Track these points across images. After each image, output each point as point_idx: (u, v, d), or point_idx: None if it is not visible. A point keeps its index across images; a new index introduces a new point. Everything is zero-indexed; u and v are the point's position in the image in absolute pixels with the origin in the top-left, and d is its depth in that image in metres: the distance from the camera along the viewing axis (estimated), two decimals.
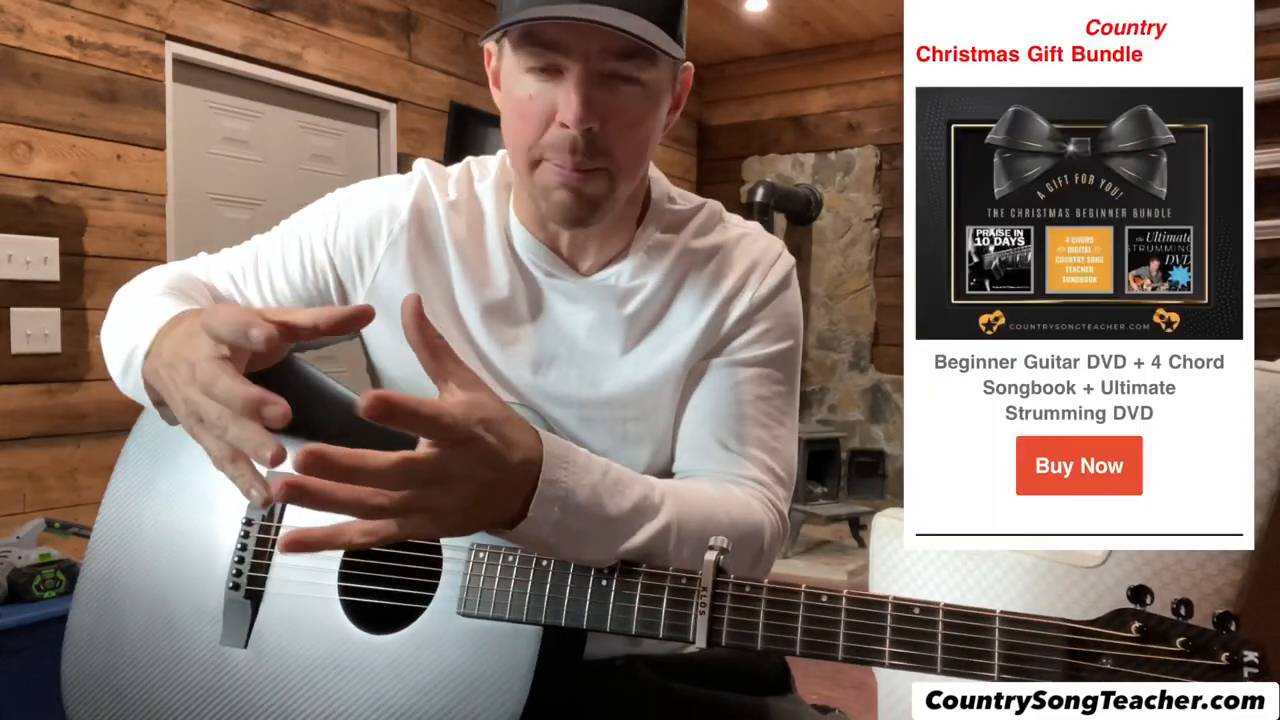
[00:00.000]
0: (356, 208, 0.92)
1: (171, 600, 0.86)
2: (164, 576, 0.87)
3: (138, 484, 0.92)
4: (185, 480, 0.90)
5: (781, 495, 0.88)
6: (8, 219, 2.53)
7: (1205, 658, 0.59)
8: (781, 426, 0.91)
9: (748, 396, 0.89)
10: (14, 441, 2.55)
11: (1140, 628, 0.60)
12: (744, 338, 0.90)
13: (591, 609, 0.73)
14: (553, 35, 0.76)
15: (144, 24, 2.84)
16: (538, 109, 0.79)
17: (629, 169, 0.84)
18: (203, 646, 0.84)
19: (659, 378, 0.88)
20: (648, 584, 0.72)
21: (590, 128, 0.78)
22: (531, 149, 0.81)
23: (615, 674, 0.90)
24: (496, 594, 0.75)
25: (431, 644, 0.77)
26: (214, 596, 0.85)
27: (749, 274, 0.91)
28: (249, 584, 0.84)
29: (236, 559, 0.85)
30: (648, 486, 0.76)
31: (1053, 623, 0.62)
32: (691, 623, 0.69)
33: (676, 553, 0.75)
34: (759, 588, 0.68)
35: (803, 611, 0.67)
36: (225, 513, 0.87)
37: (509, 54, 0.81)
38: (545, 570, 0.74)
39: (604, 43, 0.76)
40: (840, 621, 0.66)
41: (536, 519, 0.66)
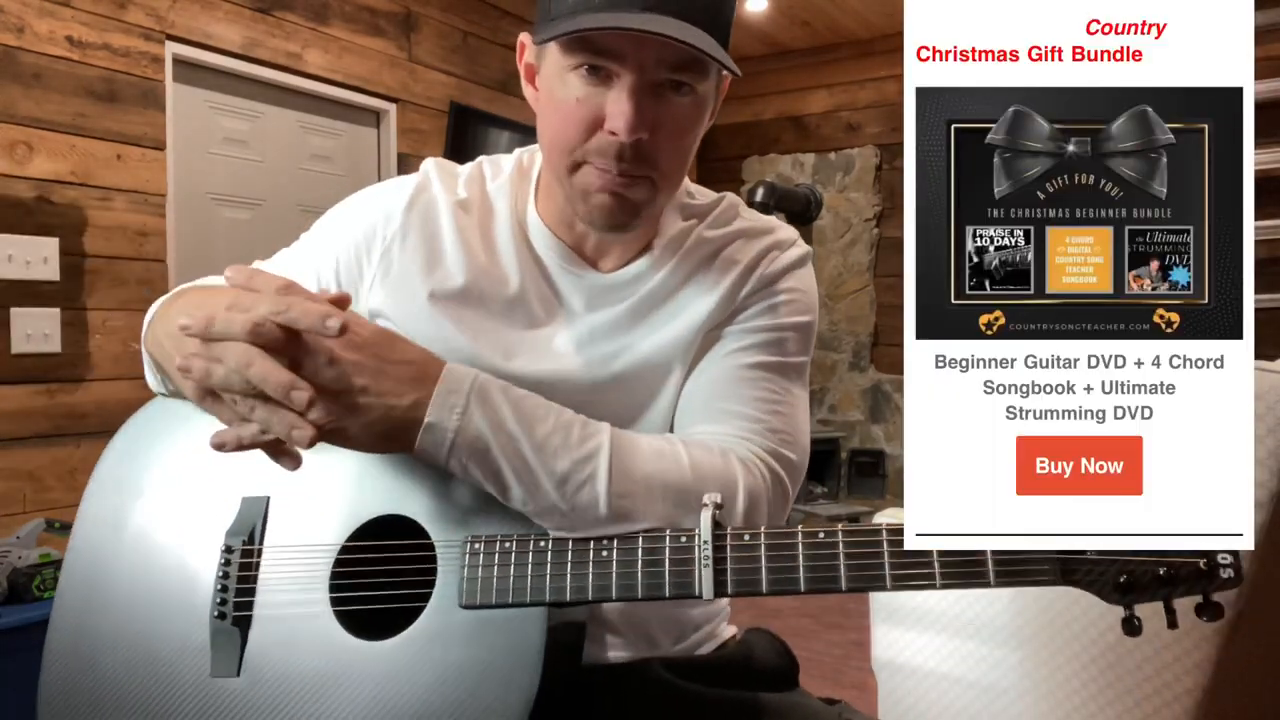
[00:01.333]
0: (356, 217, 0.92)
1: (154, 637, 0.84)
2: (144, 613, 0.85)
3: (106, 523, 0.90)
4: (156, 513, 0.88)
5: (777, 459, 0.86)
6: (8, 219, 2.53)
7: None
8: (788, 394, 0.89)
9: (750, 361, 0.88)
10: (14, 441, 2.55)
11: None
12: (755, 308, 0.90)
13: (595, 580, 0.73)
14: (608, 42, 0.76)
15: (144, 24, 2.84)
16: (584, 113, 0.78)
17: (672, 178, 0.84)
18: (192, 681, 0.81)
19: (668, 354, 0.88)
20: (648, 547, 0.73)
21: (641, 138, 0.77)
22: (574, 152, 0.80)
23: (625, 675, 0.89)
24: (497, 580, 0.75)
25: (435, 641, 0.76)
26: (199, 628, 0.82)
27: (764, 254, 0.91)
28: (235, 610, 0.81)
29: (220, 587, 0.82)
30: (574, 414, 0.78)
31: None
32: (696, 577, 0.71)
33: (622, 481, 0.75)
34: (757, 534, 0.71)
35: (802, 550, 0.69)
36: (202, 542, 0.85)
37: (554, 53, 0.80)
38: (544, 550, 0.74)
39: (660, 53, 0.76)
40: (839, 555, 0.68)
41: (441, 411, 0.72)
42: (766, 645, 0.97)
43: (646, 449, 0.78)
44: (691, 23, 0.75)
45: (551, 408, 0.77)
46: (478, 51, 4.06)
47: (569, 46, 0.77)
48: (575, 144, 0.80)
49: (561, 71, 0.79)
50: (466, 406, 0.73)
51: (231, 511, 0.85)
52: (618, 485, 0.74)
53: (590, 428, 0.77)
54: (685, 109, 0.80)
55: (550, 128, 0.82)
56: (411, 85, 3.76)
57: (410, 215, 0.90)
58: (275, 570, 0.82)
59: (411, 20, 3.75)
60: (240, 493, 0.86)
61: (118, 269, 2.77)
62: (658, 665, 0.90)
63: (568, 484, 0.74)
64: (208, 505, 0.87)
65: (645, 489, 0.75)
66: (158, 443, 0.92)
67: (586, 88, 0.78)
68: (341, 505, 0.82)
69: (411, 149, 3.76)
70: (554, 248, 0.89)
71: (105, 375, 2.73)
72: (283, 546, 0.82)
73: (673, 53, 0.76)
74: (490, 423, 0.73)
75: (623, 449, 0.77)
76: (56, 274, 2.62)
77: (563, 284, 0.90)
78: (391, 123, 3.72)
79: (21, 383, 2.56)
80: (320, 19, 3.38)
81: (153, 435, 0.92)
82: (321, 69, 3.40)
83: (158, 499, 0.89)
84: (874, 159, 4.80)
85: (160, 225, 2.89)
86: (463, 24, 3.97)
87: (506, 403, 0.75)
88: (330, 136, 3.58)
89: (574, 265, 0.89)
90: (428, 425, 0.72)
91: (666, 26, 0.73)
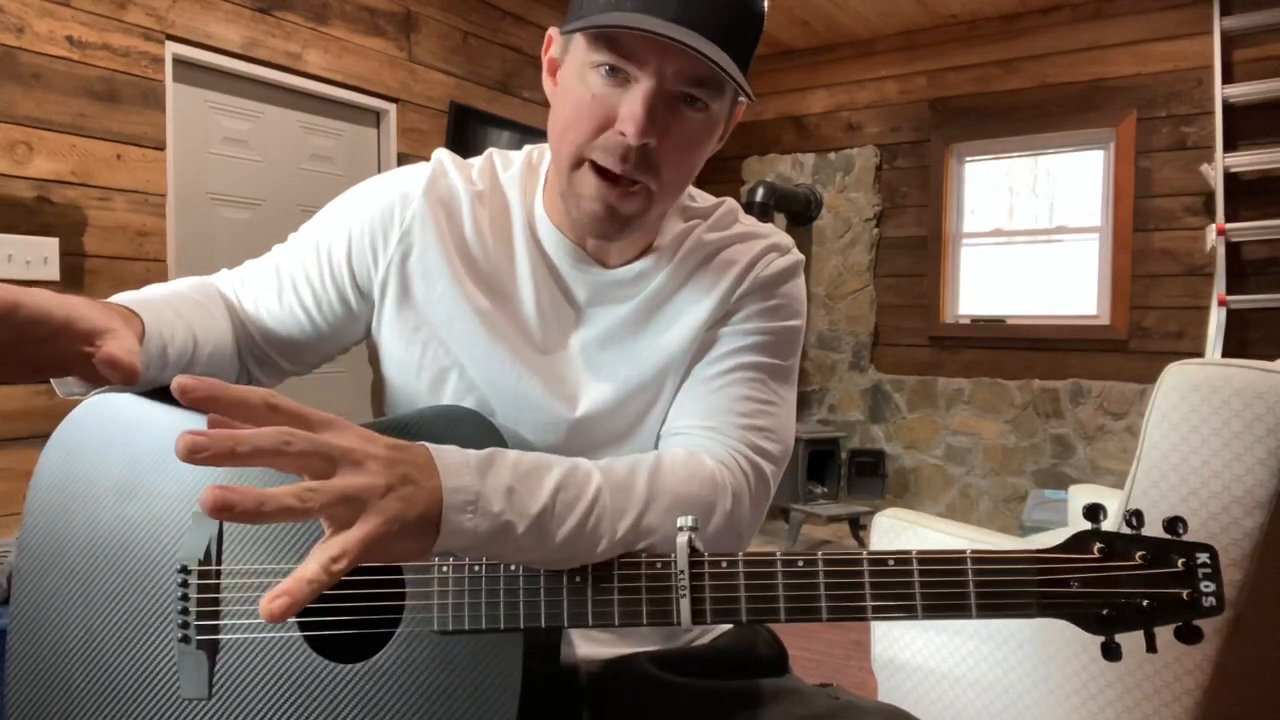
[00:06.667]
0: (370, 200, 0.92)
1: (120, 666, 0.81)
2: (104, 641, 0.81)
3: (48, 552, 0.85)
4: (101, 526, 0.84)
5: (760, 454, 0.86)
6: (8, 219, 2.53)
7: (1163, 566, 0.62)
8: (775, 394, 0.90)
9: (742, 361, 0.89)
10: (14, 441, 2.55)
11: (1101, 548, 0.64)
12: (748, 309, 0.91)
13: (570, 606, 0.71)
14: (633, 45, 0.76)
15: (144, 24, 2.84)
16: (598, 110, 0.79)
17: (671, 191, 0.84)
18: (161, 706, 0.79)
19: (667, 358, 0.89)
20: (624, 574, 0.71)
21: (648, 143, 0.78)
22: (580, 146, 0.81)
23: (611, 670, 0.90)
24: (469, 606, 0.72)
25: (408, 667, 0.74)
26: (164, 653, 0.79)
27: (758, 259, 0.92)
28: (198, 633, 0.78)
29: (180, 609, 0.79)
30: (564, 464, 0.74)
31: (1021, 555, 0.65)
32: (674, 605, 0.69)
33: (617, 520, 0.73)
34: (735, 562, 0.69)
35: (781, 579, 0.68)
36: (152, 567, 0.81)
37: (579, 46, 0.81)
38: (515, 575, 0.72)
39: (680, 65, 0.77)
40: (820, 584, 0.67)
41: (454, 524, 0.65)
42: (756, 637, 0.98)
43: (634, 477, 0.77)
44: (717, 43, 0.76)
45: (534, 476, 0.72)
46: (478, 51, 4.06)
47: (595, 43, 0.78)
48: (583, 138, 0.80)
49: (583, 68, 0.80)
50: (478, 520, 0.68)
51: (182, 527, 0.82)
52: (620, 522, 0.74)
53: (579, 478, 0.74)
54: (696, 124, 0.81)
55: (562, 119, 0.83)
56: (411, 85, 3.76)
57: (429, 198, 0.91)
58: (239, 591, 0.79)
59: (411, 20, 3.75)
60: (188, 508, 0.82)
61: (118, 269, 2.77)
62: (643, 659, 0.90)
63: (574, 546, 0.72)
64: (154, 522, 0.83)
65: (643, 513, 0.75)
66: (93, 452, 0.87)
67: (605, 86, 0.79)
68: (302, 525, 0.79)
69: (411, 149, 3.76)
70: (560, 244, 0.90)
71: None
72: (244, 570, 0.80)
73: (693, 66, 0.77)
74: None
75: (616, 488, 0.75)
76: (56, 274, 2.62)
77: (570, 278, 0.91)
78: (391, 123, 3.72)
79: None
80: (320, 19, 3.38)
81: (86, 441, 0.87)
82: (321, 69, 3.40)
83: (100, 516, 0.85)
84: (874, 159, 4.80)
85: (160, 225, 2.89)
86: (463, 24, 3.98)
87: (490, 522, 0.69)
88: (330, 136, 3.58)
89: (580, 262, 0.90)
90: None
91: (692, 39, 0.74)
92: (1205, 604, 0.62)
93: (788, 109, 5.10)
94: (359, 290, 0.92)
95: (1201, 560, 0.62)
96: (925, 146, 4.68)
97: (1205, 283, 3.95)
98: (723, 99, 0.81)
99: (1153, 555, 0.63)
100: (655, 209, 0.85)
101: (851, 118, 4.90)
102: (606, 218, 0.82)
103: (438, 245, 0.90)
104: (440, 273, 0.89)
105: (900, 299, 4.77)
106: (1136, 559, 0.63)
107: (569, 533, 0.70)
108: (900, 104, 4.75)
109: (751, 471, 0.85)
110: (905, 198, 4.75)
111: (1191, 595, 0.62)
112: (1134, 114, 4.11)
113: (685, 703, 0.87)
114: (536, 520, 0.69)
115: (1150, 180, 4.10)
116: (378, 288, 0.91)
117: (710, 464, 0.82)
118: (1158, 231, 4.09)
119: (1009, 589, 0.64)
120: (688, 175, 0.85)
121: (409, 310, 0.90)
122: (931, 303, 4.66)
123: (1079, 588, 0.63)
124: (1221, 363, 1.47)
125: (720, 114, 0.83)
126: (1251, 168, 3.78)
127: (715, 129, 0.85)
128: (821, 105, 4.99)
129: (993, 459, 4.48)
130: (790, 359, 0.93)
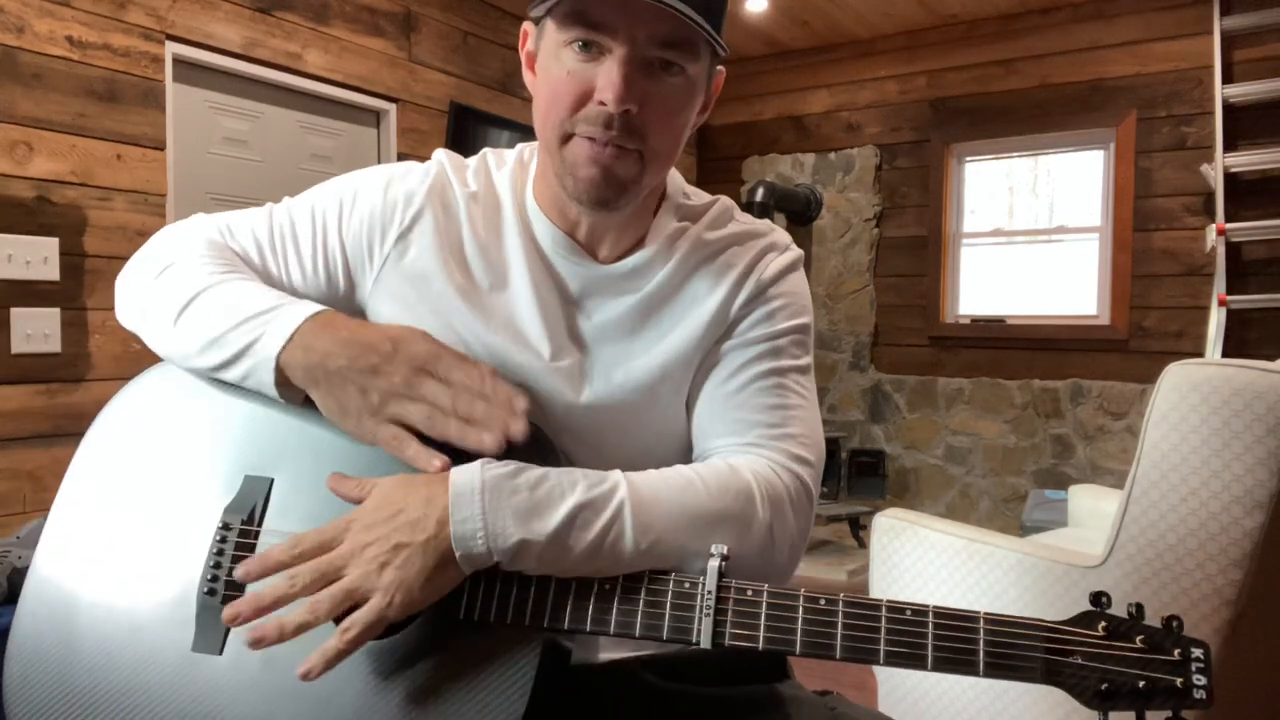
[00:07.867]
0: (372, 193, 0.92)
1: (137, 604, 0.82)
2: (128, 581, 0.83)
3: (95, 482, 0.88)
4: (151, 479, 0.87)
5: (797, 461, 0.87)
6: (8, 219, 2.53)
7: (1161, 653, 0.67)
8: (797, 396, 0.90)
9: (758, 371, 0.89)
10: (14, 441, 2.55)
11: (1106, 627, 0.68)
12: (752, 317, 0.91)
13: (594, 613, 0.73)
14: (601, 14, 0.78)
15: (144, 24, 2.84)
16: (575, 86, 0.80)
17: (661, 157, 0.85)
18: (171, 653, 0.80)
19: (669, 361, 0.89)
20: (651, 588, 0.74)
21: (628, 109, 0.79)
22: (564, 123, 0.82)
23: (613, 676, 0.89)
24: (498, 597, 0.75)
25: (427, 650, 0.76)
26: (185, 602, 0.81)
27: (757, 260, 0.93)
28: (226, 589, 0.80)
29: (213, 564, 0.81)
30: (589, 478, 0.77)
31: (1031, 623, 0.69)
32: (696, 625, 0.72)
33: (646, 534, 0.75)
34: (760, 591, 0.72)
35: (802, 614, 0.71)
36: (197, 517, 0.84)
37: (551, 31, 0.82)
38: (546, 575, 0.75)
39: (651, 29, 0.78)
40: (838, 624, 0.70)
41: (468, 550, 0.72)
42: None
43: (662, 489, 0.79)
44: (686, 1, 0.77)
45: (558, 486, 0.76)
46: (478, 51, 4.06)
47: (564, 21, 0.80)
48: (566, 114, 0.81)
49: (556, 49, 0.81)
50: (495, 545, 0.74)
51: (232, 487, 0.84)
52: (643, 539, 0.75)
53: (606, 487, 0.77)
54: (675, 89, 0.82)
55: (542, 102, 0.84)
56: (411, 85, 3.76)
57: (431, 200, 0.91)
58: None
59: (411, 20, 3.75)
60: (244, 470, 0.85)
61: (118, 269, 2.76)
62: (636, 665, 0.90)
63: (597, 558, 0.75)
64: (207, 477, 0.85)
65: (670, 530, 0.76)
66: (159, 410, 0.90)
67: (579, 62, 0.80)
68: (343, 502, 0.81)
69: (411, 149, 3.76)
70: (551, 234, 0.90)
71: (105, 375, 2.73)
72: (282, 532, 0.81)
73: (664, 28, 0.78)
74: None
75: (641, 501, 0.77)
76: (56, 274, 2.62)
77: (562, 270, 0.91)
78: (391, 123, 3.72)
79: (21, 383, 2.56)
80: (320, 19, 3.38)
81: (155, 401, 0.91)
82: (321, 69, 3.40)
83: (154, 464, 0.87)
84: (874, 159, 4.80)
85: (160, 225, 2.89)
86: (463, 24, 3.98)
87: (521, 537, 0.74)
88: (330, 136, 3.58)
89: (573, 254, 0.90)
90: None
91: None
92: (1196, 695, 0.65)
93: (788, 109, 5.10)
94: (350, 281, 0.93)
95: (1196, 655, 0.66)
96: (925, 146, 4.68)
97: (1205, 283, 3.95)
98: (698, 61, 0.82)
99: (1152, 642, 0.67)
100: (647, 175, 0.85)
101: (851, 118, 4.90)
102: (603, 180, 0.82)
103: (435, 247, 0.90)
104: (436, 274, 0.89)
105: (900, 299, 4.77)
106: (1137, 642, 0.67)
107: (588, 547, 0.74)
108: (900, 104, 4.75)
109: (792, 481, 0.85)
110: (905, 198, 4.75)
111: (1185, 684, 0.65)
112: (1134, 114, 4.11)
113: (679, 710, 0.87)
114: (554, 536, 0.73)
115: (1150, 180, 4.10)
116: (370, 282, 0.91)
117: (747, 476, 0.82)
118: (1158, 231, 4.09)
119: (1017, 653, 0.68)
120: (674, 143, 0.85)
121: (405, 311, 0.90)
122: (931, 303, 4.66)
123: (1082, 660, 0.67)
124: (1221, 363, 1.47)
125: (699, 78, 0.84)
126: (1251, 168, 3.78)
127: (695, 94, 0.85)
128: (821, 105, 4.99)
129: (993, 459, 4.48)
130: (805, 357, 0.93)
